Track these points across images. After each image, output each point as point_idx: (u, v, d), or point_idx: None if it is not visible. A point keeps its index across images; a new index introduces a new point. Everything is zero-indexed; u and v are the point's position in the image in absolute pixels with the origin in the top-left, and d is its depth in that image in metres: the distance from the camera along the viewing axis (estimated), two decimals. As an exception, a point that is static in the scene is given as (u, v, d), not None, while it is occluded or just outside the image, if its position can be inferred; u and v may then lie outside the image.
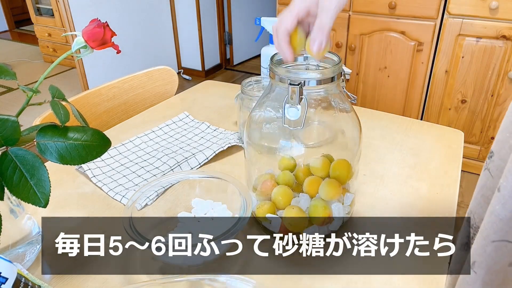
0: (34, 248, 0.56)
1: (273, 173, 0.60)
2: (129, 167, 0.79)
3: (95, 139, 0.48)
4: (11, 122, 0.44)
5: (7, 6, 4.76)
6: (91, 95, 1.05)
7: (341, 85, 0.56)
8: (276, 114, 0.57)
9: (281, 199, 0.56)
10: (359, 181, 0.73)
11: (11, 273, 0.39)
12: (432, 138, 0.87)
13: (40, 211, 0.66)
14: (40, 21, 3.58)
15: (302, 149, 0.60)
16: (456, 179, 0.74)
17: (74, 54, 0.51)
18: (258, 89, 0.83)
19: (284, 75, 0.51)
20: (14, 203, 0.54)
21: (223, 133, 0.90)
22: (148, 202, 0.68)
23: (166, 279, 0.50)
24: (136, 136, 0.89)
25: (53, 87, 0.51)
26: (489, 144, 1.92)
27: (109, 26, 0.51)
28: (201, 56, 3.33)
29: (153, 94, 1.19)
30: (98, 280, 0.54)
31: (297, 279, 0.53)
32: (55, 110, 0.47)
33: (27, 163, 0.45)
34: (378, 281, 0.53)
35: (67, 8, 2.40)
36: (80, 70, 2.60)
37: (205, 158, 0.79)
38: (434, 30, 1.85)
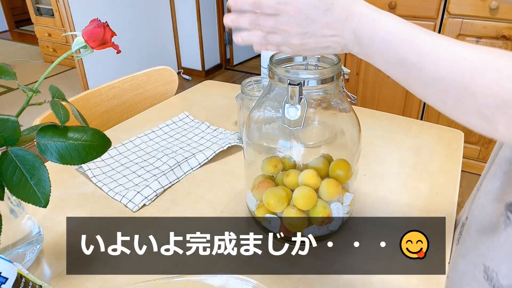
0: (34, 248, 0.56)
1: (278, 157, 0.59)
2: (129, 167, 0.79)
3: (95, 139, 0.48)
4: (11, 122, 0.44)
5: (7, 6, 4.76)
6: (91, 95, 1.05)
7: (340, 85, 0.56)
8: (275, 114, 0.58)
9: (273, 203, 0.56)
10: (359, 181, 0.73)
11: (11, 273, 0.39)
12: (432, 138, 0.87)
13: (40, 211, 0.66)
14: (40, 21, 3.58)
15: (301, 149, 0.60)
16: (456, 179, 0.74)
17: (74, 54, 0.51)
18: (258, 89, 0.83)
19: (283, 75, 0.51)
20: (14, 203, 0.54)
21: (223, 133, 0.90)
22: (146, 203, 0.69)
23: (166, 279, 0.50)
24: (136, 136, 0.89)
25: (53, 87, 0.51)
26: (489, 144, 1.92)
27: (109, 26, 0.51)
28: (201, 56, 3.33)
29: (153, 94, 1.19)
30: (98, 280, 0.54)
31: (297, 279, 0.53)
32: (55, 110, 0.47)
33: (27, 163, 0.45)
34: (378, 281, 0.53)
35: (67, 8, 2.40)
36: (80, 70, 2.60)
37: (205, 158, 0.79)
38: (434, 30, 1.85)
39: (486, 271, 0.42)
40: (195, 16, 3.18)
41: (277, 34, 0.42)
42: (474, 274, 0.43)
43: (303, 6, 0.39)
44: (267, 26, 0.42)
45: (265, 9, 0.41)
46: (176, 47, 3.35)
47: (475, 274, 0.43)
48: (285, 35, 0.41)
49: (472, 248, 0.44)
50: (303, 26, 0.40)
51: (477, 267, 0.43)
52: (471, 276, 0.44)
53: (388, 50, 0.36)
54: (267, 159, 0.59)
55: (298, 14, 0.39)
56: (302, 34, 0.40)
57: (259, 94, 0.78)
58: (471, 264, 0.44)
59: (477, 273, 0.43)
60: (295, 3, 0.39)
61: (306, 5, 0.39)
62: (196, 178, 0.76)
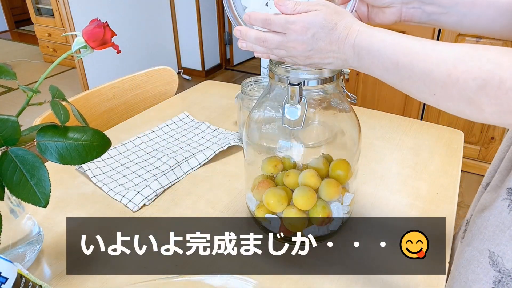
0: (34, 248, 0.56)
1: (278, 157, 0.59)
2: (129, 167, 0.79)
3: (95, 139, 0.49)
4: (11, 122, 0.44)
5: (7, 6, 4.76)
6: (91, 95, 1.05)
7: (340, 85, 0.56)
8: (275, 114, 0.58)
9: (273, 203, 0.56)
10: (358, 181, 0.73)
11: (11, 273, 0.39)
12: (432, 138, 0.87)
13: (40, 211, 0.66)
14: (40, 21, 3.58)
15: (301, 149, 0.60)
16: (456, 179, 0.74)
17: (74, 54, 0.51)
18: (258, 89, 0.83)
19: (283, 75, 0.51)
20: (14, 203, 0.54)
21: (223, 133, 0.90)
22: (146, 203, 0.69)
23: (166, 279, 0.50)
24: (136, 136, 0.89)
25: (53, 87, 0.51)
26: (489, 144, 1.92)
27: (109, 26, 0.51)
28: (201, 56, 3.33)
29: (153, 94, 1.19)
30: (98, 280, 0.54)
31: (297, 279, 0.53)
32: (55, 110, 0.47)
33: (27, 163, 0.45)
34: (378, 281, 0.53)
35: (67, 8, 2.40)
36: (80, 70, 2.60)
37: (205, 158, 0.79)
38: (434, 30, 1.85)
39: (491, 256, 0.43)
40: (195, 16, 3.17)
41: (283, 50, 0.45)
42: (479, 261, 0.45)
43: (310, 25, 0.42)
44: (273, 43, 0.45)
45: (275, 27, 0.44)
46: (176, 47, 3.35)
47: (480, 260, 0.45)
48: (290, 51, 0.45)
49: (477, 234, 0.45)
50: (309, 44, 0.43)
51: (482, 254, 0.44)
52: (476, 262, 0.45)
53: (383, 57, 0.41)
54: (267, 159, 0.59)
55: (305, 32, 0.42)
56: (307, 51, 0.44)
57: (259, 94, 0.78)
58: (476, 251, 0.45)
59: (482, 259, 0.44)
60: (303, 23, 0.42)
61: (313, 25, 0.42)
62: (196, 178, 0.76)
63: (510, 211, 0.42)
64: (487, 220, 0.44)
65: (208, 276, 0.49)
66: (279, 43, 0.44)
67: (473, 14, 0.49)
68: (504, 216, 0.43)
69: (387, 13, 0.51)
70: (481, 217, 0.46)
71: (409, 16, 0.51)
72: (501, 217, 0.43)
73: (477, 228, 0.46)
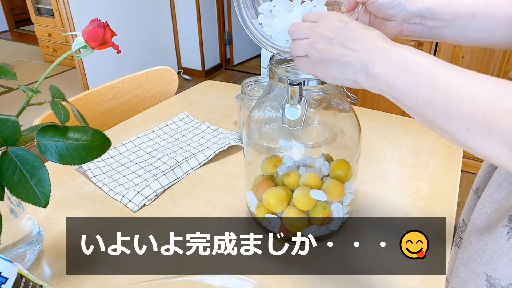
0: (34, 248, 0.56)
1: (277, 156, 0.59)
2: (129, 167, 0.79)
3: (95, 139, 0.48)
4: (11, 122, 0.44)
5: (7, 6, 4.76)
6: (91, 95, 1.05)
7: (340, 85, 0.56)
8: (275, 114, 0.58)
9: (273, 203, 0.56)
10: (359, 181, 0.73)
11: (11, 273, 0.39)
12: (432, 138, 0.87)
13: (40, 211, 0.66)
14: (40, 21, 3.58)
15: (301, 149, 0.60)
16: (456, 179, 0.74)
17: (74, 54, 0.51)
18: (258, 89, 0.83)
19: (283, 75, 0.51)
20: (14, 203, 0.54)
21: (223, 133, 0.90)
22: (146, 203, 0.69)
23: (166, 279, 0.50)
24: (136, 136, 0.89)
25: (53, 87, 0.51)
26: (489, 144, 1.92)
27: (109, 26, 0.51)
28: (201, 56, 3.33)
29: (153, 94, 1.19)
30: (98, 280, 0.54)
31: (297, 279, 0.53)
32: (55, 110, 0.47)
33: (27, 163, 0.45)
34: (378, 281, 0.53)
35: (67, 8, 2.40)
36: (80, 70, 2.60)
37: (205, 158, 0.79)
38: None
39: (488, 279, 0.43)
40: (195, 16, 3.17)
41: (308, 39, 0.44)
42: (476, 282, 0.44)
43: (343, 17, 0.43)
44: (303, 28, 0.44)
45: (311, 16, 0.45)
46: (176, 47, 3.35)
47: (477, 282, 0.44)
48: (313, 36, 0.43)
49: (474, 257, 0.45)
50: (338, 29, 0.42)
51: (479, 276, 0.44)
52: (473, 284, 0.44)
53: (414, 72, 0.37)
54: (267, 159, 0.59)
55: (339, 20, 0.43)
56: (332, 38, 0.42)
57: (259, 94, 0.78)
58: (472, 273, 0.44)
59: (480, 282, 0.44)
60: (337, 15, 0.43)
61: (347, 17, 0.43)
62: (196, 178, 0.76)
63: (509, 239, 0.41)
64: (485, 245, 0.43)
65: (208, 276, 0.49)
66: (309, 28, 0.43)
67: (473, 26, 0.48)
68: (503, 243, 0.42)
69: (388, 26, 0.50)
70: (479, 240, 0.45)
71: (410, 31, 0.50)
72: (499, 243, 0.42)
73: (474, 251, 0.45)
